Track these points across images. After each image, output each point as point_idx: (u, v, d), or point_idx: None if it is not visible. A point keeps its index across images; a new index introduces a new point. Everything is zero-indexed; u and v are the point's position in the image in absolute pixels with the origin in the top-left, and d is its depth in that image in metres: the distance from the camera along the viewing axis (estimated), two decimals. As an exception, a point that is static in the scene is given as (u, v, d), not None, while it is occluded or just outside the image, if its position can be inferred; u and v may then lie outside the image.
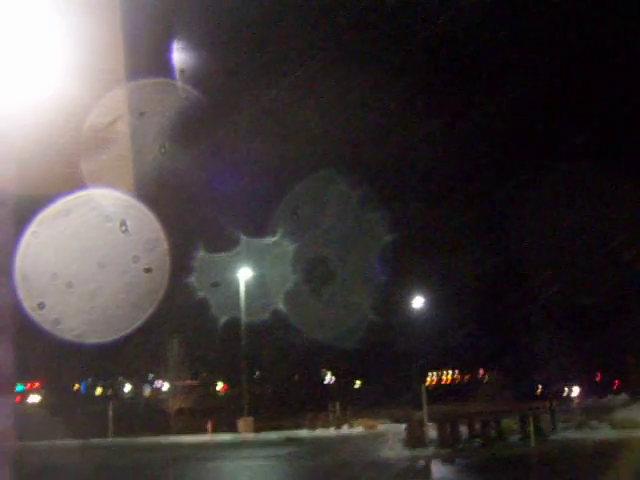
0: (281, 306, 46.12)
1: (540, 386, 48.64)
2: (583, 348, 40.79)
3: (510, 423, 35.13)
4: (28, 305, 5.84)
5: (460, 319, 47.98)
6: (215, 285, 45.34)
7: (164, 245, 6.17)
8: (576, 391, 54.57)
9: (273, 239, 47.37)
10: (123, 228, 5.96)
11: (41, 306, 5.83)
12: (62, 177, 5.83)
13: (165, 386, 52.92)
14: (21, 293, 5.92)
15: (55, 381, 48.88)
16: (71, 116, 5.58)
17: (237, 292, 45.21)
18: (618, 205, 41.48)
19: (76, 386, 55.71)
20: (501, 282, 47.71)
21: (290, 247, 47.43)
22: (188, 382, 50.18)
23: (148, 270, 6.09)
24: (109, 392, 57.41)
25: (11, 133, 5.80)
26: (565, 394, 52.52)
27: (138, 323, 6.58)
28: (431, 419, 36.47)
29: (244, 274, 45.93)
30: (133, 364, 49.55)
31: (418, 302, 46.93)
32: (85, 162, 5.85)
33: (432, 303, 47.85)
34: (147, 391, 59.40)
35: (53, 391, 48.06)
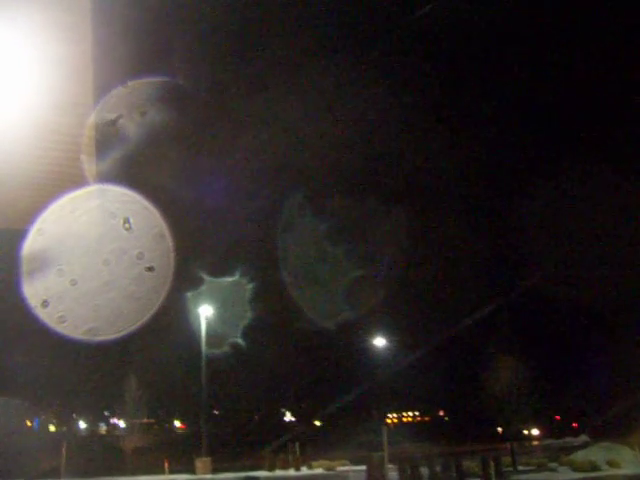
0: (242, 344, 45.76)
1: (500, 427, 48.78)
2: (543, 389, 41.14)
3: (471, 465, 35.09)
4: (33, 303, 5.73)
5: (421, 360, 48.04)
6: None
7: (168, 242, 6.12)
8: (536, 432, 54.83)
9: (233, 278, 47.22)
10: (127, 225, 5.90)
11: (45, 304, 5.71)
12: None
13: (121, 424, 51.70)
14: (26, 291, 5.80)
15: (5, 415, 47.30)
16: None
17: (198, 330, 44.69)
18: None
19: (28, 422, 53.98)
20: (461, 322, 48.00)
21: (250, 286, 47.29)
22: (145, 420, 49.06)
23: (150, 269, 6.02)
24: (63, 429, 55.82)
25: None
26: (525, 435, 52.76)
27: (144, 320, 6.48)
28: (392, 461, 36.22)
29: (205, 311, 45.44)
30: (89, 400, 48.35)
31: (380, 342, 46.94)
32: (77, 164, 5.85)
33: (395, 344, 47.87)
34: (103, 429, 57.86)
35: (3, 427, 46.41)
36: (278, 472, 40.86)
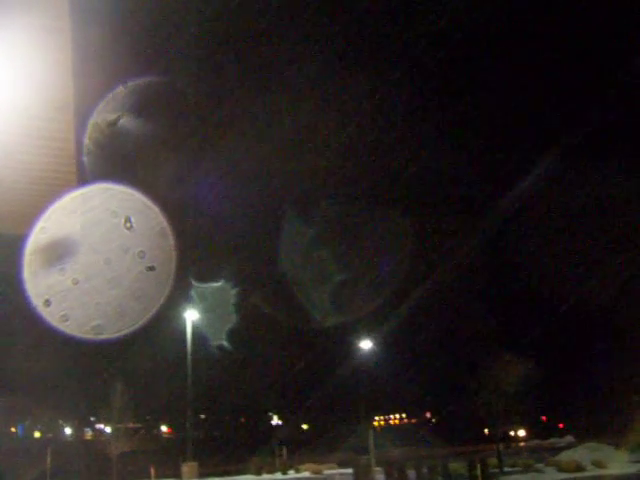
0: (229, 348, 45.65)
1: (487, 429, 48.98)
2: (530, 391, 41.33)
3: (457, 467, 35.26)
4: (35, 302, 5.73)
5: (408, 362, 48.18)
6: None
7: (170, 240, 6.14)
8: (522, 433, 55.09)
9: (220, 282, 47.08)
10: (128, 224, 5.92)
11: (47, 303, 5.71)
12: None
13: (107, 429, 51.36)
14: (28, 290, 5.80)
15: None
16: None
17: (183, 333, 44.45)
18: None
19: (12, 429, 53.41)
20: (449, 325, 48.24)
21: (235, 291, 47.17)
22: (131, 425, 48.75)
23: (151, 268, 6.04)
24: (49, 435, 55.33)
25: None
26: (511, 436, 52.99)
27: (146, 318, 6.49)
28: (379, 463, 36.36)
29: (191, 316, 45.23)
30: (74, 405, 47.99)
31: (366, 344, 46.81)
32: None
33: (381, 346, 47.88)
34: (88, 434, 57.40)
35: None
36: (265, 476, 40.77)
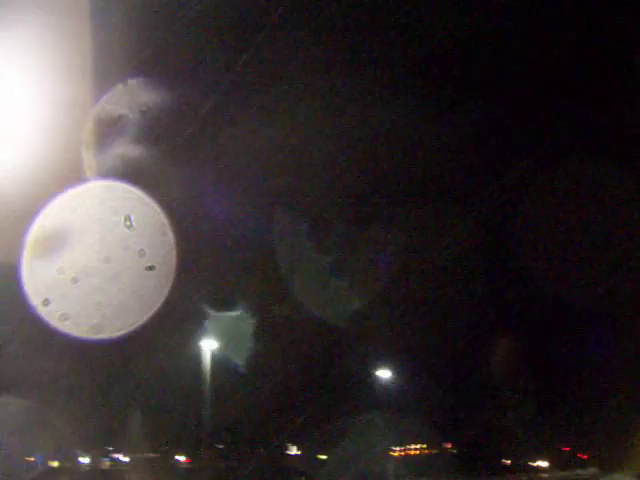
0: (246, 376, 45.40)
1: (508, 459, 48.19)
2: (551, 420, 40.73)
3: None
4: (34, 302, 5.68)
5: (426, 391, 47.62)
6: None
7: (170, 239, 6.09)
8: (543, 464, 53.96)
9: (237, 312, 46.88)
10: (128, 223, 5.89)
11: (46, 303, 5.66)
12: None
13: (124, 458, 51.01)
14: (28, 289, 5.76)
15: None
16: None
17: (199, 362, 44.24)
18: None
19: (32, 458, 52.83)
20: (466, 352, 47.70)
21: (252, 320, 46.90)
22: (148, 455, 48.46)
23: (151, 268, 5.99)
24: (67, 464, 54.80)
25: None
26: (533, 467, 51.97)
27: (146, 317, 6.42)
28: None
29: (209, 345, 45.04)
30: (91, 435, 47.81)
31: (384, 374, 46.45)
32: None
33: (397, 374, 47.39)
34: (105, 463, 56.88)
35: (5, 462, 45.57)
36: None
